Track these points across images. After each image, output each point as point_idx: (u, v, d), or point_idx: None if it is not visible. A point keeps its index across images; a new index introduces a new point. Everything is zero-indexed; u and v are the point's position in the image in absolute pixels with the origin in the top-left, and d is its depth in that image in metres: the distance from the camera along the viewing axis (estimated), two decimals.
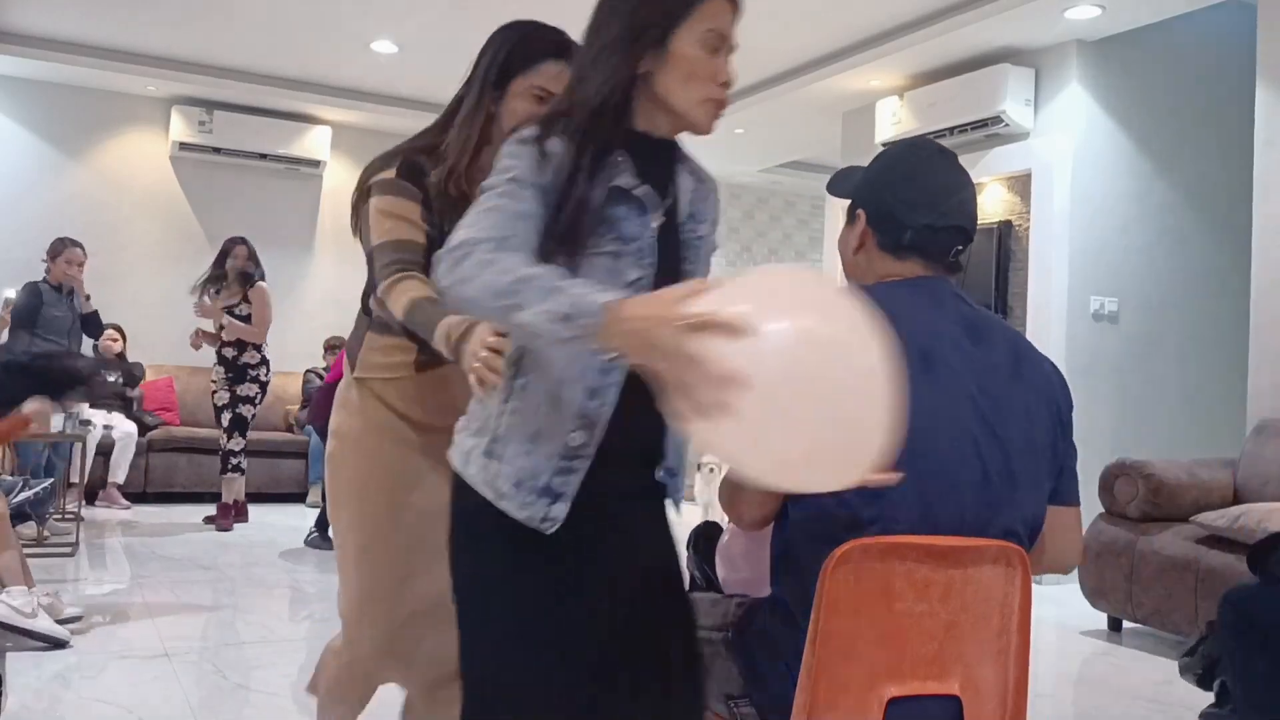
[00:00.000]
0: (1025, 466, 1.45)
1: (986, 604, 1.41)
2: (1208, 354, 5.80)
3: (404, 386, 1.87)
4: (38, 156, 7.39)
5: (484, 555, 1.45)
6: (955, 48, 5.75)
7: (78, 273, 5.65)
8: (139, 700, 2.94)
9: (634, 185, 1.43)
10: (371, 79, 7.35)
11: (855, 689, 1.35)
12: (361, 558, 1.94)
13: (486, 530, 1.43)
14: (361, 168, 2.02)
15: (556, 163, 1.38)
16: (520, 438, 1.40)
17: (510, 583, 1.43)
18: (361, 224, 1.88)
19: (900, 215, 1.51)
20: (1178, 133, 5.77)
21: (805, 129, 7.55)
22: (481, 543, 1.45)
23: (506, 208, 1.35)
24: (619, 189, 1.41)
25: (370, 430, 1.88)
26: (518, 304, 1.23)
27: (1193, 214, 5.84)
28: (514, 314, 1.23)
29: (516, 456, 1.40)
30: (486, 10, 5.86)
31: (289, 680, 3.22)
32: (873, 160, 1.63)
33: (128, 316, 7.18)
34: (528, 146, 1.39)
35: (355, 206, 1.92)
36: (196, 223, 7.81)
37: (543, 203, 1.37)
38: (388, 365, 1.87)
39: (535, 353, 1.41)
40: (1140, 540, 4.15)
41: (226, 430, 5.91)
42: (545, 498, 1.39)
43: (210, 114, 7.55)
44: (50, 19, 6.44)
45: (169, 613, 3.99)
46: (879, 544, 1.34)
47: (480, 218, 1.34)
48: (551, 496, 1.39)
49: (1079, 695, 3.51)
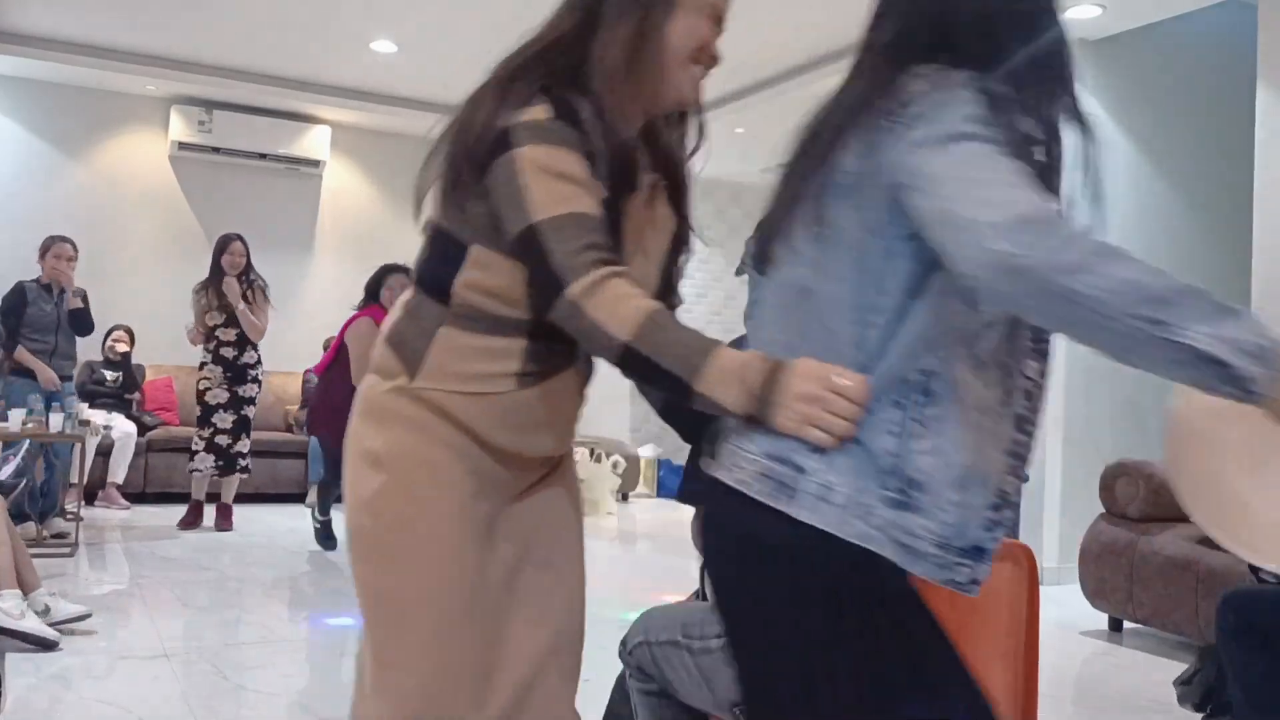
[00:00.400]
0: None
1: (995, 604, 1.40)
2: None
3: (493, 404, 1.36)
4: (38, 156, 7.39)
5: (834, 619, 1.13)
6: None
7: (66, 267, 5.62)
8: (138, 700, 2.94)
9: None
10: (371, 79, 7.35)
11: None
12: (443, 634, 1.36)
13: (839, 589, 1.13)
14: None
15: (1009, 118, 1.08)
16: (944, 483, 1.11)
17: (877, 652, 1.14)
18: (497, 184, 1.32)
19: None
20: (1178, 132, 5.78)
21: None
22: (829, 605, 1.13)
23: (1023, 170, 1.03)
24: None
25: (443, 460, 1.36)
26: (1170, 320, 0.93)
27: (1193, 214, 5.84)
28: (1159, 331, 0.93)
29: (941, 507, 1.11)
30: (486, 10, 5.86)
31: (288, 680, 3.22)
32: None
33: (127, 316, 7.17)
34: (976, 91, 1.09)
35: (471, 159, 1.37)
36: (196, 222, 7.81)
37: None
38: (480, 376, 1.35)
39: (948, 372, 1.12)
40: (1141, 540, 4.15)
41: (232, 431, 5.88)
42: (972, 557, 1.12)
43: (210, 114, 7.55)
44: (50, 19, 6.43)
45: (168, 613, 3.98)
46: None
47: (1020, 178, 1.01)
48: (978, 555, 1.13)
49: (1079, 695, 3.51)
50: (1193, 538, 3.99)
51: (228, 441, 5.90)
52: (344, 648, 3.65)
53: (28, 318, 5.52)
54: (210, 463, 5.87)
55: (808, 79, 6.51)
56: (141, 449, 6.72)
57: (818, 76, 6.43)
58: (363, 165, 8.26)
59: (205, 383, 5.90)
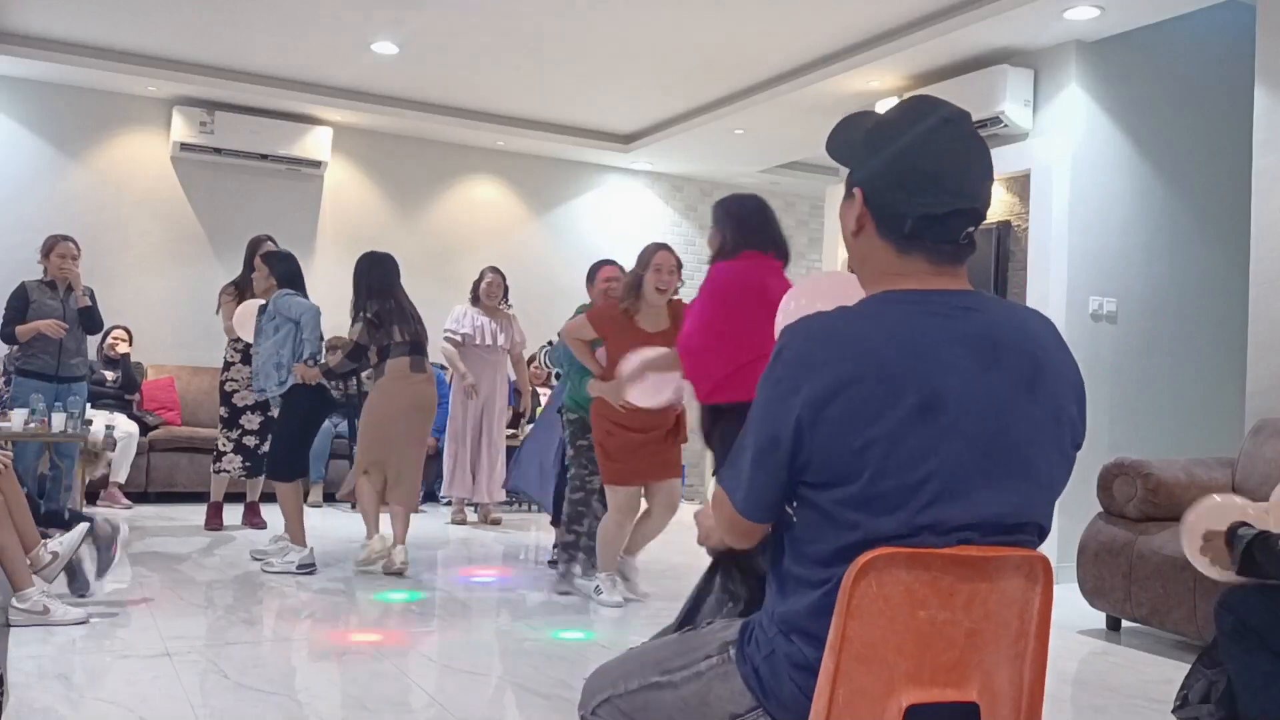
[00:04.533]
0: (1033, 496, 1.39)
1: (1008, 610, 1.40)
2: (1206, 354, 5.81)
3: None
4: (38, 157, 7.41)
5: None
6: (954, 48, 5.76)
7: (72, 265, 5.64)
8: (140, 699, 2.95)
9: None
10: (372, 80, 7.37)
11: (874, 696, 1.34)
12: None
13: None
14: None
15: None
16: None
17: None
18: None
19: (898, 203, 1.38)
20: (1176, 133, 5.78)
21: (805, 129, 7.56)
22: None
23: None
24: None
25: None
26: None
27: (1191, 214, 5.84)
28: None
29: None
30: (486, 12, 5.87)
31: (290, 679, 3.23)
32: (872, 125, 1.47)
33: (128, 316, 7.19)
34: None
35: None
36: (197, 223, 7.83)
37: None
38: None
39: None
40: (1139, 540, 4.16)
41: (259, 433, 5.88)
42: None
43: (211, 114, 7.57)
44: (51, 19, 6.45)
45: (170, 612, 4.00)
46: (904, 553, 1.32)
47: None
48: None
49: (1077, 694, 3.52)
50: None
51: (255, 442, 5.91)
52: (344, 646, 3.66)
53: (35, 316, 5.53)
54: (238, 463, 5.90)
55: (808, 79, 6.52)
56: (143, 448, 6.74)
57: (818, 77, 6.44)
58: (364, 166, 8.28)
59: (233, 384, 5.90)
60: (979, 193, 1.40)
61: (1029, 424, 1.36)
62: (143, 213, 7.69)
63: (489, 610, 4.41)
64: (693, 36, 6.16)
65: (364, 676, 3.32)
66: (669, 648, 1.58)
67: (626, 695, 1.56)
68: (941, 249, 1.40)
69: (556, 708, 3.10)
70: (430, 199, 8.59)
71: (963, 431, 1.32)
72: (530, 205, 8.94)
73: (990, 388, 1.34)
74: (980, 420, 1.33)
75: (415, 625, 4.05)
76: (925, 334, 1.34)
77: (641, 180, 9.33)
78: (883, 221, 1.41)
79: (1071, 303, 5.43)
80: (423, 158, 8.53)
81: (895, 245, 1.40)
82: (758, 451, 1.38)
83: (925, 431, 1.31)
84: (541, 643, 3.84)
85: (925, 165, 1.38)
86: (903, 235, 1.39)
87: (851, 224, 1.45)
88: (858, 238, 1.45)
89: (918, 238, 1.39)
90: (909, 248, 1.40)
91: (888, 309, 1.37)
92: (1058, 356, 1.41)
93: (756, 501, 1.42)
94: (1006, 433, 1.35)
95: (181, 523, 6.20)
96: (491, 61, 6.78)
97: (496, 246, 8.64)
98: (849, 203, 1.46)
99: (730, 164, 8.85)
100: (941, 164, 1.39)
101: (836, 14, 5.69)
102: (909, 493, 1.31)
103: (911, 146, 1.39)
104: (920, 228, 1.38)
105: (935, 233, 1.38)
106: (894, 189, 1.39)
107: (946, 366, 1.33)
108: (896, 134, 1.42)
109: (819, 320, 1.37)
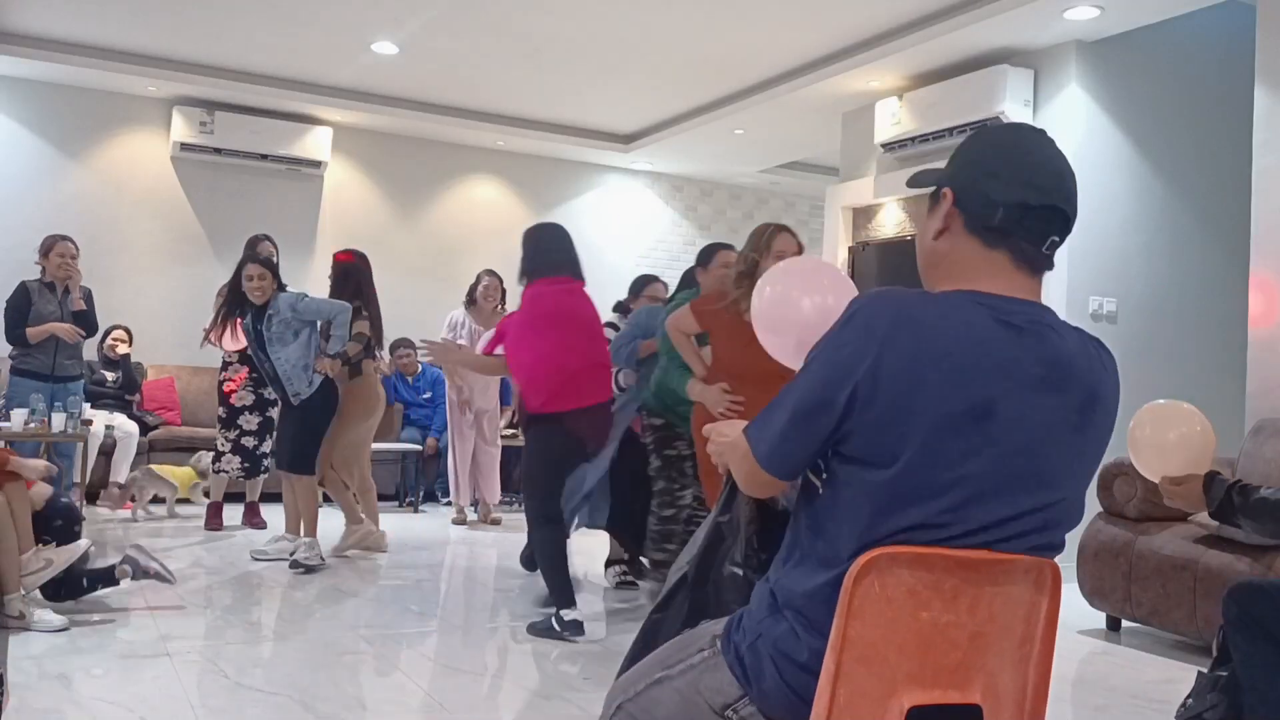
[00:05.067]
0: (1059, 516, 1.42)
1: (1014, 613, 1.39)
2: (1206, 354, 5.81)
3: None
4: (38, 156, 7.41)
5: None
6: (954, 48, 5.76)
7: (72, 265, 5.64)
8: (140, 699, 2.95)
9: None
10: (371, 79, 7.37)
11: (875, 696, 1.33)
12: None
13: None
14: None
15: None
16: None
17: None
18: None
19: (991, 190, 1.37)
20: (1176, 133, 5.78)
21: (805, 130, 7.56)
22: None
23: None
24: None
25: None
26: None
27: (1191, 214, 5.84)
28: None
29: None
30: (486, 12, 5.87)
31: (290, 679, 3.23)
32: (965, 141, 1.47)
33: (128, 316, 7.19)
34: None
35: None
36: (197, 223, 7.83)
37: None
38: None
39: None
40: (1139, 540, 4.16)
41: (257, 433, 5.88)
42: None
43: (211, 114, 7.57)
44: (51, 19, 6.45)
45: (170, 612, 4.00)
46: (908, 553, 1.32)
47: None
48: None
49: (1077, 694, 3.52)
50: (1190, 537, 4.00)
51: (254, 443, 5.91)
52: (344, 646, 3.66)
53: (35, 317, 5.53)
54: (237, 464, 5.90)
55: (808, 79, 6.52)
56: (144, 449, 6.74)
57: (818, 77, 6.44)
58: (364, 166, 8.27)
59: (231, 383, 5.90)
60: (1070, 198, 1.40)
61: (1069, 454, 1.38)
62: (143, 213, 7.69)
63: (489, 610, 4.41)
64: (693, 36, 6.16)
65: (364, 676, 3.32)
66: (671, 646, 1.59)
67: (635, 698, 1.57)
68: (1026, 250, 1.39)
69: (556, 708, 3.10)
70: (430, 199, 8.59)
71: (1003, 446, 1.32)
72: (530, 205, 8.94)
73: (1043, 411, 1.35)
74: (1023, 440, 1.34)
75: (414, 625, 4.05)
76: (994, 341, 1.34)
77: (641, 180, 9.33)
78: (972, 216, 1.39)
79: (1071, 303, 5.43)
80: (423, 158, 8.52)
81: (982, 239, 1.39)
82: (802, 410, 1.36)
83: (968, 436, 1.31)
84: (541, 642, 3.84)
85: (1022, 159, 1.38)
86: (991, 227, 1.38)
87: (937, 225, 1.43)
88: (939, 239, 1.43)
89: (1006, 232, 1.37)
90: (996, 242, 1.38)
91: (964, 307, 1.35)
92: (1112, 395, 1.44)
93: (785, 456, 1.40)
94: (1044, 458, 1.35)
95: (181, 522, 6.20)
96: (491, 61, 6.78)
97: (496, 247, 8.63)
98: (935, 207, 1.44)
99: (730, 164, 8.85)
100: (1041, 155, 1.39)
101: (836, 14, 5.69)
102: (937, 492, 1.31)
103: (1008, 144, 1.41)
104: (1011, 220, 1.37)
105: (1025, 228, 1.37)
106: (990, 177, 1.38)
107: (1005, 378, 1.32)
108: (992, 136, 1.44)
109: (897, 295, 1.35)
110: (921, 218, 1.45)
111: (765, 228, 3.78)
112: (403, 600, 4.45)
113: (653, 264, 9.43)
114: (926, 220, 1.45)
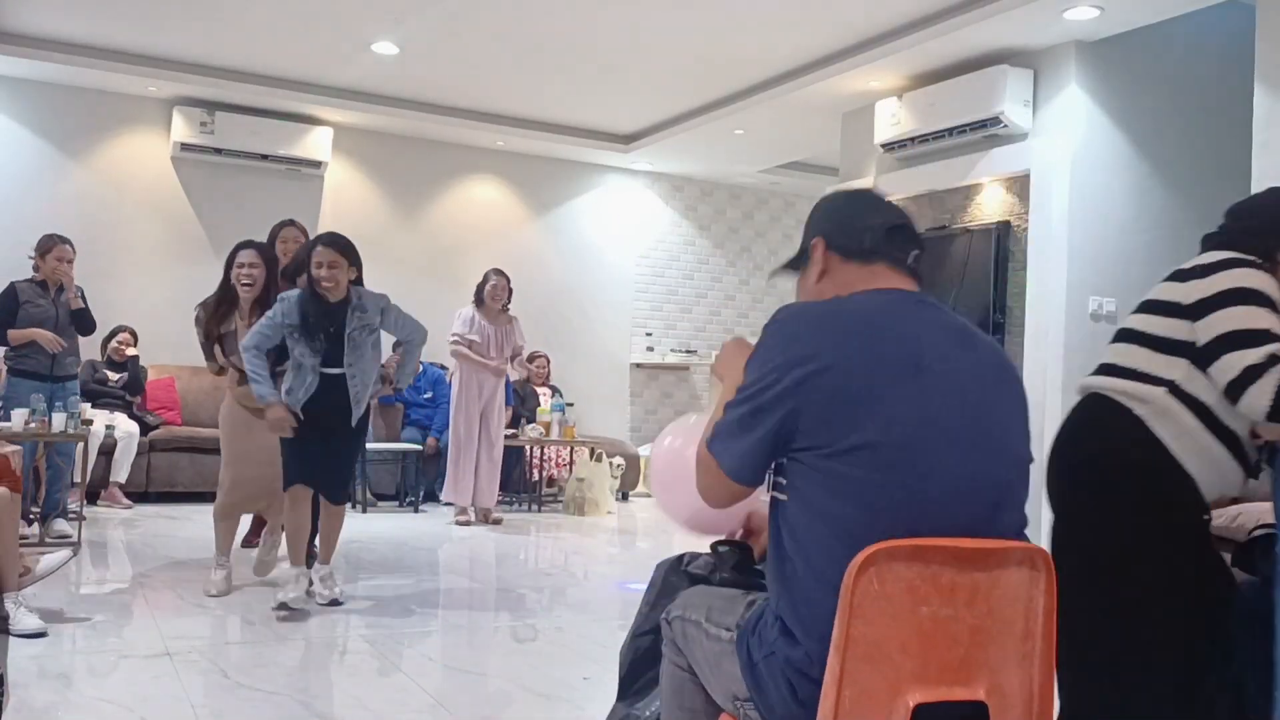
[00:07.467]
0: (1012, 474, 1.49)
1: (1012, 607, 1.40)
2: None
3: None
4: (39, 157, 7.41)
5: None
6: (954, 49, 5.76)
7: (68, 269, 5.63)
8: (141, 699, 2.96)
9: None
10: (372, 79, 7.37)
11: (880, 696, 1.34)
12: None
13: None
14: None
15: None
16: None
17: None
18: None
19: (855, 224, 1.60)
20: (1176, 133, 5.78)
21: (805, 130, 7.56)
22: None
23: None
24: None
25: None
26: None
27: (1191, 214, 5.84)
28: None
29: None
30: (487, 12, 5.87)
31: (289, 679, 3.23)
32: (811, 210, 1.73)
33: (128, 316, 7.19)
34: None
35: None
36: (198, 223, 7.83)
37: None
38: None
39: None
40: None
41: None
42: None
43: (212, 114, 7.57)
44: (51, 19, 6.45)
45: (170, 612, 4.00)
46: (904, 547, 1.33)
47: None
48: None
49: None
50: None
51: None
52: (344, 645, 3.66)
53: (26, 317, 5.51)
54: None
55: (808, 79, 6.52)
56: (144, 448, 6.74)
57: (818, 77, 6.44)
58: (364, 166, 8.27)
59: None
60: (913, 224, 1.65)
61: (1007, 404, 1.51)
62: (143, 213, 7.69)
63: (489, 610, 4.42)
64: (693, 36, 6.16)
65: (364, 676, 3.32)
66: (722, 599, 1.68)
67: (688, 621, 1.69)
68: (899, 260, 1.59)
69: (556, 708, 3.10)
70: (430, 199, 8.59)
71: (948, 394, 1.43)
72: (530, 205, 8.94)
73: (973, 364, 1.49)
74: (966, 388, 1.46)
75: (415, 625, 4.06)
76: (909, 314, 1.50)
77: (641, 180, 9.34)
78: (845, 249, 1.61)
79: (1071, 303, 5.43)
80: (423, 158, 8.53)
81: (859, 260, 1.59)
82: (749, 416, 1.47)
83: (914, 389, 1.41)
84: (542, 643, 3.85)
85: (870, 197, 1.68)
86: (864, 250, 1.59)
87: (816, 270, 1.63)
88: (821, 281, 1.62)
89: (877, 250, 1.59)
90: (872, 258, 1.59)
91: (872, 295, 1.54)
92: (1015, 368, 1.61)
93: (744, 464, 1.51)
94: (991, 406, 1.48)
95: (182, 522, 6.19)
96: (491, 61, 6.78)
97: (496, 247, 8.64)
98: (808, 266, 1.65)
99: (730, 164, 8.85)
100: (880, 197, 1.68)
101: (836, 14, 5.69)
102: (899, 451, 1.38)
103: (855, 192, 1.70)
104: (878, 240, 1.59)
105: (892, 243, 1.59)
106: (851, 218, 1.63)
107: (932, 339, 1.47)
108: (838, 194, 1.72)
109: (809, 304, 1.55)
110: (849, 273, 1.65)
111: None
112: (403, 600, 4.45)
113: (652, 264, 9.44)
114: (802, 279, 1.66)
